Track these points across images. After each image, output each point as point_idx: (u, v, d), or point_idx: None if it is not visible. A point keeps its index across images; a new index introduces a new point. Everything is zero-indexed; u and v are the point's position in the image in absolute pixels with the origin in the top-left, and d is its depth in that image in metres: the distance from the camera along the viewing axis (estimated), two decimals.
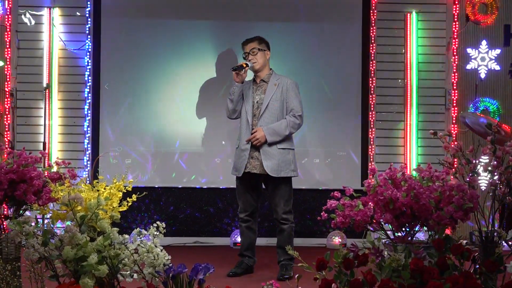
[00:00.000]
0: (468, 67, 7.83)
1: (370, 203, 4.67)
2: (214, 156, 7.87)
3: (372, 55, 7.82)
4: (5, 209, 5.42)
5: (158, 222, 3.74)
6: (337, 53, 7.90)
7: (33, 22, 7.76)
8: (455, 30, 7.78)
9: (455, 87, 7.76)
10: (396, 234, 4.51)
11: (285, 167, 5.92)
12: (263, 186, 6.17)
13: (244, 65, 5.94)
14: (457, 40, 7.79)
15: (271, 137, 5.88)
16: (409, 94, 7.83)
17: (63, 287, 3.65)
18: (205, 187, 7.89)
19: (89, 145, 7.75)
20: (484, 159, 4.02)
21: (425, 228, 4.45)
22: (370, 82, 7.81)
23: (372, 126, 7.80)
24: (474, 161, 4.05)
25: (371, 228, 4.61)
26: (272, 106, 5.95)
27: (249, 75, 6.09)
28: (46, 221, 6.99)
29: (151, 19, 7.88)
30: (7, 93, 7.64)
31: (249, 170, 5.95)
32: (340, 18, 7.92)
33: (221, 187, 7.83)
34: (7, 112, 7.64)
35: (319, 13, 7.92)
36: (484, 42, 7.80)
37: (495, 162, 3.89)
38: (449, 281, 3.23)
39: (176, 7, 7.90)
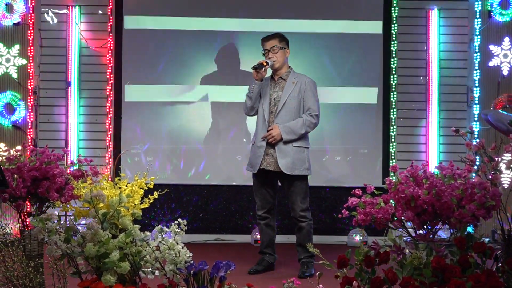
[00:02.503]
0: (491, 64, 7.77)
1: (391, 200, 4.66)
2: (235, 153, 7.87)
3: (394, 52, 7.79)
4: (28, 206, 5.47)
5: (179, 219, 3.75)
6: (358, 50, 7.87)
7: (55, 20, 7.81)
8: (477, 27, 7.72)
9: (477, 84, 7.71)
10: (417, 232, 4.49)
11: (299, 165, 5.92)
12: (279, 184, 6.18)
13: (264, 64, 5.94)
14: (479, 36, 7.73)
15: (287, 135, 5.88)
16: (430, 92, 7.78)
17: (85, 283, 3.68)
18: (226, 184, 7.90)
19: (111, 143, 7.78)
20: (507, 156, 4.00)
21: (446, 226, 4.44)
22: (392, 79, 7.78)
23: (393, 123, 7.77)
24: (496, 159, 4.02)
25: (393, 226, 4.60)
26: (289, 104, 5.95)
27: (268, 72, 6.10)
28: (68, 218, 7.05)
29: (172, 17, 7.90)
30: (30, 91, 7.69)
31: (264, 167, 5.97)
32: (361, 15, 7.88)
33: (242, 185, 7.82)
34: (30, 110, 7.69)
35: (340, 10, 7.90)
36: (506, 39, 7.73)
37: None
38: (471, 280, 3.22)
39: (197, 4, 7.90)
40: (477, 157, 4.20)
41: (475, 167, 4.27)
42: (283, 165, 5.88)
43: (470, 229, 4.47)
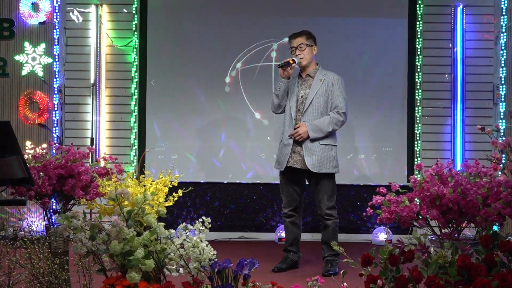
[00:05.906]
0: None
1: (416, 199, 4.64)
2: (260, 151, 7.87)
3: (419, 49, 7.74)
4: (54, 204, 5.52)
5: (203, 217, 3.76)
6: (383, 47, 7.84)
7: (80, 19, 7.86)
8: (503, 24, 7.65)
9: (503, 82, 7.64)
10: (442, 230, 4.47)
11: (326, 163, 5.89)
12: (307, 182, 6.16)
13: (291, 62, 5.91)
14: (505, 33, 7.66)
15: (314, 133, 5.86)
16: (456, 89, 7.72)
17: (110, 281, 3.70)
18: (250, 182, 7.91)
19: (135, 141, 7.82)
20: None
21: (472, 224, 4.41)
22: (417, 77, 7.73)
23: (418, 121, 7.73)
24: None
25: (417, 224, 4.58)
26: (317, 101, 5.93)
27: (295, 70, 6.07)
28: (93, 215, 7.10)
29: (197, 15, 7.91)
30: (56, 89, 7.75)
31: (291, 164, 5.95)
32: (386, 12, 7.85)
33: (266, 183, 7.83)
34: (55, 108, 7.74)
35: (366, 7, 7.87)
36: None
37: None
38: (497, 278, 3.19)
39: (222, 3, 7.92)
40: (503, 155, 4.16)
41: (501, 165, 4.23)
42: (310, 163, 5.86)
43: (495, 227, 4.43)
